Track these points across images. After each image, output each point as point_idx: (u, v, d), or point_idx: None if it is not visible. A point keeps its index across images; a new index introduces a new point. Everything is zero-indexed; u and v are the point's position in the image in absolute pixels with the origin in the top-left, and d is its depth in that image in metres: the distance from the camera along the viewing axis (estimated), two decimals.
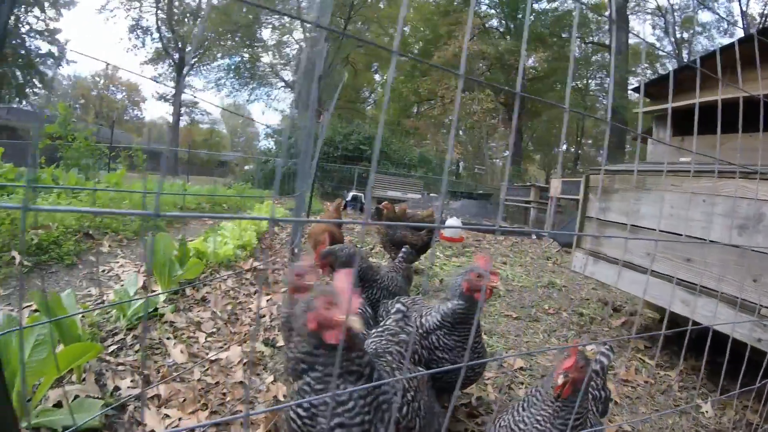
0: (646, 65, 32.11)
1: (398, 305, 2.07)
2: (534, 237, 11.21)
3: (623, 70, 26.55)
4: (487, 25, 33.89)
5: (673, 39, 32.36)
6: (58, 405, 2.08)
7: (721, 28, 28.61)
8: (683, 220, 3.34)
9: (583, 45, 34.34)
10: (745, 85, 3.27)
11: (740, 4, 28.43)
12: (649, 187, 3.73)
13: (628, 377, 3.46)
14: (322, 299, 1.35)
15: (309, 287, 1.88)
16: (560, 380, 1.54)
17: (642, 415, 2.96)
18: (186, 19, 37.07)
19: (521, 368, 3.38)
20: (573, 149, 39.51)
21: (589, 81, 34.38)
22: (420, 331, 2.23)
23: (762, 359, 2.23)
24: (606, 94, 28.27)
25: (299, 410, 1.37)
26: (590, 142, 39.77)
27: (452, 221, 8.58)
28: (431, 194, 16.67)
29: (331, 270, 2.79)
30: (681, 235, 3.32)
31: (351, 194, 14.20)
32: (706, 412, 3.09)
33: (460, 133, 34.79)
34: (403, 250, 3.81)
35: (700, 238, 3.17)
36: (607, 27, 24.45)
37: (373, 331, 2.03)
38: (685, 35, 30.23)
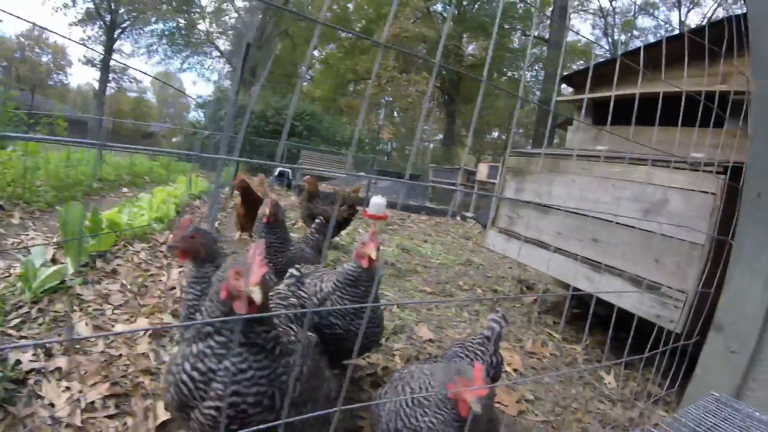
0: (582, 61, 33.37)
1: (292, 270, 2.10)
2: (458, 218, 11.44)
3: (558, 64, 27.29)
4: (431, 9, 33.90)
5: (610, 40, 33.76)
6: None
7: (658, 34, 30.07)
8: (592, 201, 3.46)
9: (523, 37, 35.08)
10: (670, 81, 3.44)
11: (680, 14, 30.29)
12: (561, 170, 3.85)
13: (534, 350, 3.58)
14: (233, 269, 1.36)
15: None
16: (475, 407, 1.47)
17: (546, 385, 3.07)
18: None
19: (430, 340, 3.43)
20: (504, 136, 40.51)
21: (527, 72, 35.20)
22: (318, 296, 2.26)
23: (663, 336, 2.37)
24: (540, 85, 29.05)
25: (194, 373, 1.36)
26: (522, 130, 40.96)
27: (376, 199, 8.60)
28: (360, 173, 16.59)
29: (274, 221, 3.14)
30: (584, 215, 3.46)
31: (278, 170, 13.98)
32: (609, 383, 3.25)
33: (395, 114, 34.87)
34: (316, 221, 3.84)
35: (608, 221, 3.31)
36: (548, 21, 25.10)
37: None
38: (623, 38, 31.68)
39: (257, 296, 1.29)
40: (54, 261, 3.65)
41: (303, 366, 1.55)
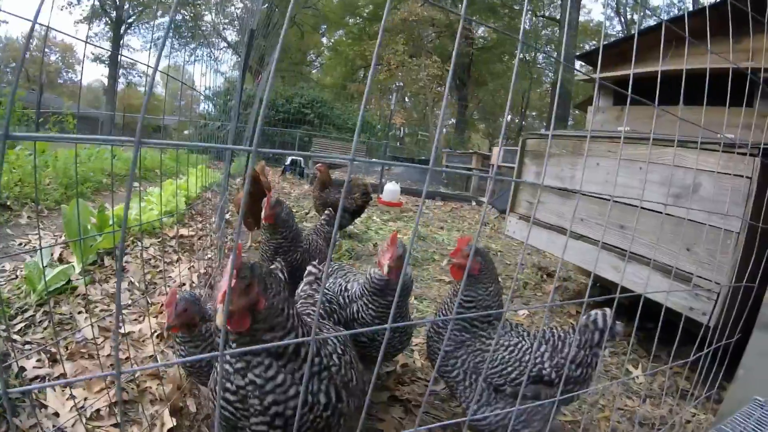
0: (594, 42, 32.75)
1: (310, 267, 2.09)
2: (473, 203, 11.29)
3: (571, 45, 26.81)
4: None
5: (623, 19, 33.04)
6: None
7: (671, 13, 29.27)
8: (619, 186, 3.29)
9: (534, 18, 34.56)
10: (691, 57, 3.24)
11: None
12: (585, 152, 3.68)
13: None
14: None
15: None
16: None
17: None
18: None
19: None
20: (517, 120, 40.07)
21: (538, 54, 34.71)
22: (345, 297, 2.20)
23: (693, 328, 2.21)
24: (552, 67, 28.57)
25: (227, 395, 1.30)
26: (534, 113, 40.41)
27: (390, 186, 8.49)
28: (372, 159, 16.41)
29: (274, 222, 2.95)
30: (616, 201, 3.28)
31: (290, 158, 13.87)
32: (637, 377, 3.11)
33: (406, 99, 34.55)
34: (326, 212, 3.71)
35: (635, 206, 3.14)
36: (559, 2, 24.66)
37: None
38: (636, 17, 30.99)
39: (218, 320, 1.19)
40: (61, 260, 3.59)
41: (351, 355, 1.57)
